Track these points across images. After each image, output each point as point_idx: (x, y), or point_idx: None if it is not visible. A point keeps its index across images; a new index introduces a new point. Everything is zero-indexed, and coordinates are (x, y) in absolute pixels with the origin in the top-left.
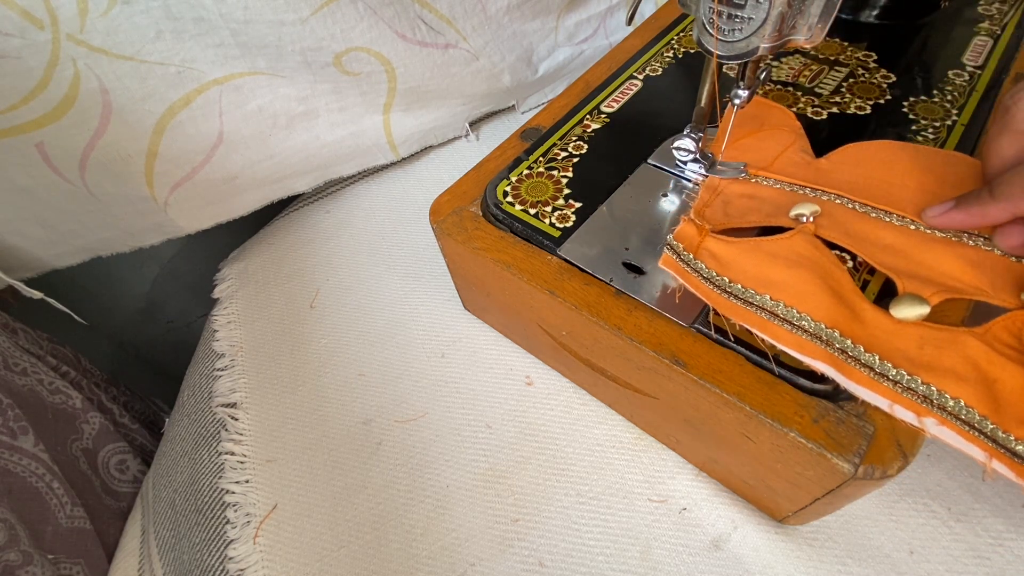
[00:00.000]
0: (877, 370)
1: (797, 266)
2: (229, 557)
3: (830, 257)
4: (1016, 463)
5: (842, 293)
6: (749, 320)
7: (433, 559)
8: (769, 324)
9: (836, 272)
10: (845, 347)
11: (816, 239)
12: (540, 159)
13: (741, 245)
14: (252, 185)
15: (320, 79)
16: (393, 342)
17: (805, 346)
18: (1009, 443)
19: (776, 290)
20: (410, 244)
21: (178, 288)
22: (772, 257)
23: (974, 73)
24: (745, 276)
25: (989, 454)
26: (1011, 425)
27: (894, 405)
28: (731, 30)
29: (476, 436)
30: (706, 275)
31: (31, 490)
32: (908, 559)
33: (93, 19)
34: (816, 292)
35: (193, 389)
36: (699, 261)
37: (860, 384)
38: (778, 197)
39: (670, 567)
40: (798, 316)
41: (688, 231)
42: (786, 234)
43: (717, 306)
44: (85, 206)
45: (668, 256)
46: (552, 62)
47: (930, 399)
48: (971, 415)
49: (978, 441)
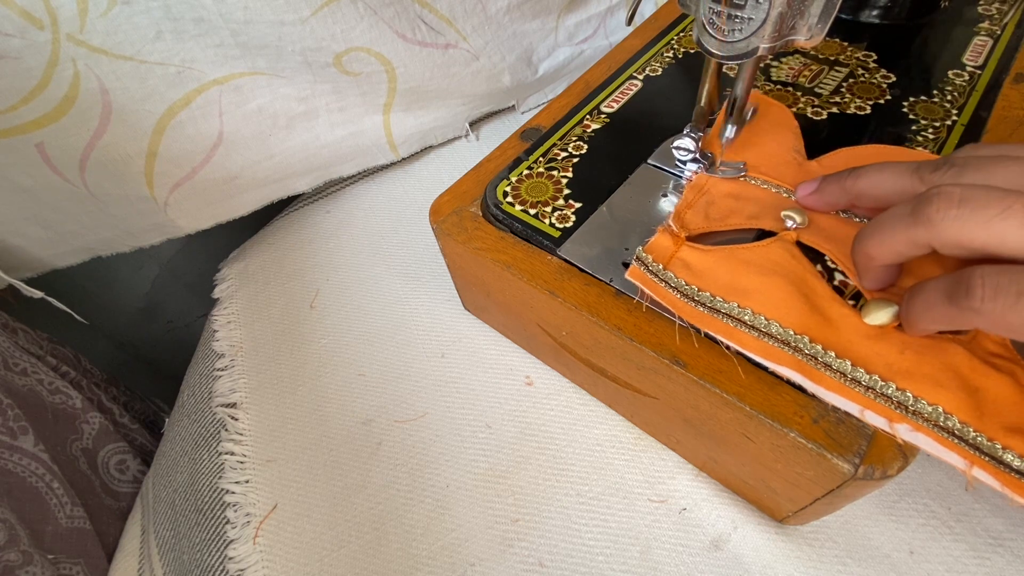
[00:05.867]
0: (849, 375)
1: (771, 274)
2: (229, 557)
3: (806, 265)
4: (1002, 471)
5: (817, 300)
6: (715, 327)
7: (433, 559)
8: (735, 331)
9: (811, 280)
10: (815, 353)
11: (794, 247)
12: (540, 159)
13: (716, 254)
14: (252, 185)
15: (320, 79)
16: (393, 342)
17: (771, 352)
18: (995, 451)
19: (745, 298)
20: (410, 244)
21: (178, 288)
22: (746, 265)
23: (974, 73)
24: (716, 285)
25: (970, 461)
26: (997, 433)
27: (865, 411)
28: (731, 30)
29: (476, 436)
30: (674, 284)
31: (31, 490)
32: (908, 559)
33: (93, 19)
34: (787, 299)
35: (193, 389)
36: (669, 271)
37: (829, 389)
38: (764, 198)
39: (670, 567)
40: (766, 323)
41: (662, 242)
42: (763, 241)
43: (683, 314)
44: (85, 206)
45: (636, 268)
46: (552, 62)
47: (905, 405)
48: (950, 422)
49: (957, 448)
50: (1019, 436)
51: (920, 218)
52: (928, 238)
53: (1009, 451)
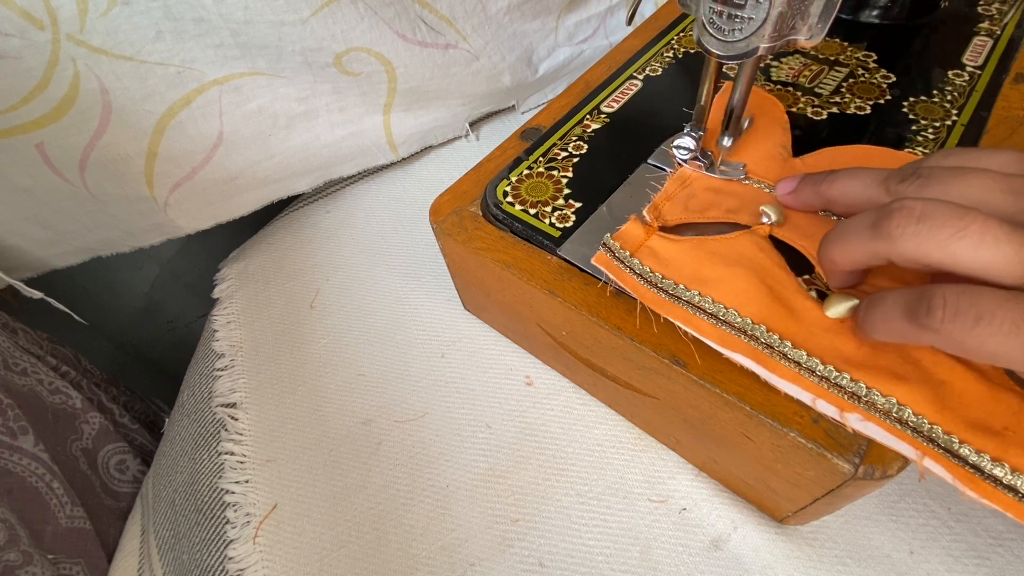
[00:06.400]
0: (804, 365)
1: (735, 265)
2: (229, 557)
3: (774, 258)
4: (956, 465)
5: (782, 292)
6: (675, 314)
7: (433, 559)
8: (693, 318)
9: (778, 272)
10: (771, 342)
11: (765, 240)
12: (540, 159)
13: (685, 244)
14: (252, 185)
15: (320, 79)
16: (393, 342)
17: (727, 339)
18: (951, 445)
19: (707, 286)
20: (410, 244)
21: (178, 288)
22: (712, 255)
23: (974, 73)
24: (681, 274)
25: (922, 452)
26: (956, 427)
27: (817, 399)
28: (731, 30)
29: (476, 436)
30: (639, 271)
31: (31, 490)
32: (908, 559)
33: (93, 19)
34: (749, 289)
35: (193, 389)
36: (635, 259)
37: (782, 378)
38: (745, 193)
39: (670, 567)
40: (725, 311)
41: (632, 231)
42: (732, 234)
43: (645, 300)
44: (85, 206)
45: (602, 254)
46: (552, 62)
47: (858, 396)
48: (904, 413)
49: (908, 438)
50: (981, 432)
51: (880, 232)
52: (887, 252)
53: (966, 445)
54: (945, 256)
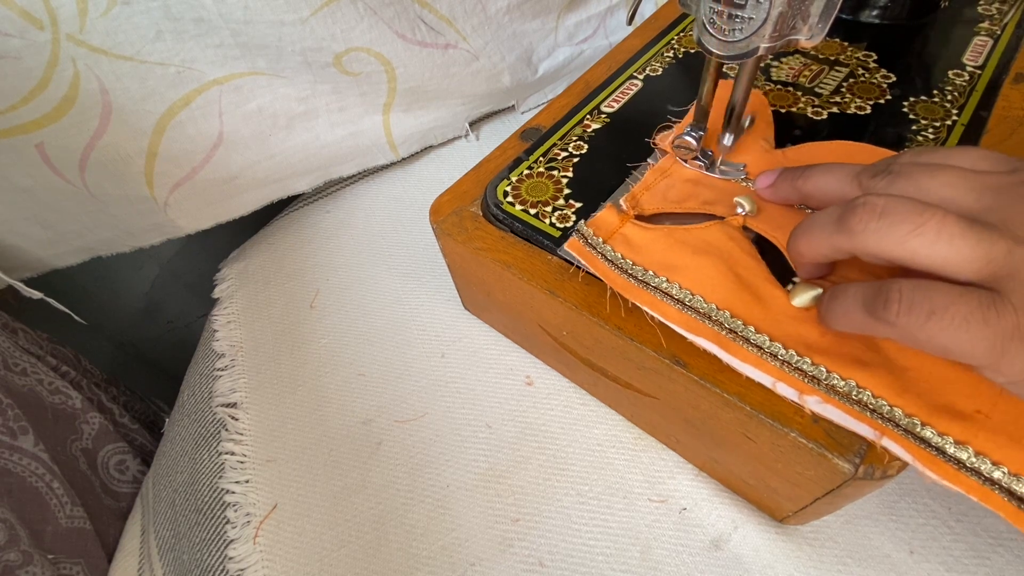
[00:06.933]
0: (766, 350)
1: (703, 253)
2: (229, 557)
3: (745, 247)
4: (915, 446)
5: (751, 280)
6: (642, 299)
7: (433, 559)
8: (660, 303)
9: (748, 261)
10: (735, 327)
11: (736, 230)
12: (540, 159)
13: (657, 232)
14: (252, 185)
15: (320, 79)
16: (393, 342)
17: (691, 324)
18: (913, 427)
19: (675, 273)
20: (410, 244)
21: (178, 288)
22: (682, 244)
23: (974, 73)
24: (651, 260)
25: (880, 432)
26: (920, 410)
27: (777, 383)
28: (731, 30)
29: (476, 436)
30: (610, 257)
31: (31, 490)
32: (908, 559)
33: (93, 19)
34: (715, 276)
35: (193, 389)
36: (608, 245)
37: (744, 361)
38: (723, 185)
39: (670, 567)
40: (691, 297)
41: (607, 218)
42: (703, 224)
43: (614, 285)
44: (85, 206)
45: (574, 240)
46: (552, 62)
47: (818, 379)
48: (863, 396)
49: (866, 419)
50: (946, 415)
51: (843, 227)
52: (849, 247)
53: (928, 427)
54: (904, 252)
